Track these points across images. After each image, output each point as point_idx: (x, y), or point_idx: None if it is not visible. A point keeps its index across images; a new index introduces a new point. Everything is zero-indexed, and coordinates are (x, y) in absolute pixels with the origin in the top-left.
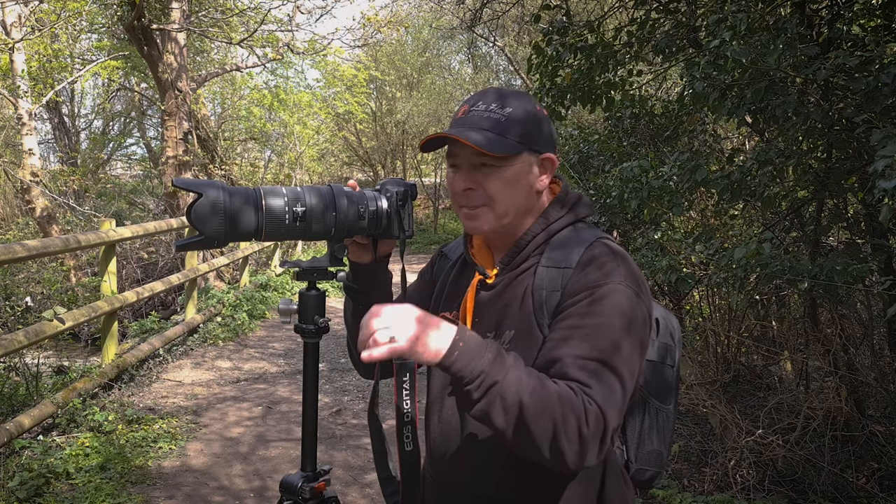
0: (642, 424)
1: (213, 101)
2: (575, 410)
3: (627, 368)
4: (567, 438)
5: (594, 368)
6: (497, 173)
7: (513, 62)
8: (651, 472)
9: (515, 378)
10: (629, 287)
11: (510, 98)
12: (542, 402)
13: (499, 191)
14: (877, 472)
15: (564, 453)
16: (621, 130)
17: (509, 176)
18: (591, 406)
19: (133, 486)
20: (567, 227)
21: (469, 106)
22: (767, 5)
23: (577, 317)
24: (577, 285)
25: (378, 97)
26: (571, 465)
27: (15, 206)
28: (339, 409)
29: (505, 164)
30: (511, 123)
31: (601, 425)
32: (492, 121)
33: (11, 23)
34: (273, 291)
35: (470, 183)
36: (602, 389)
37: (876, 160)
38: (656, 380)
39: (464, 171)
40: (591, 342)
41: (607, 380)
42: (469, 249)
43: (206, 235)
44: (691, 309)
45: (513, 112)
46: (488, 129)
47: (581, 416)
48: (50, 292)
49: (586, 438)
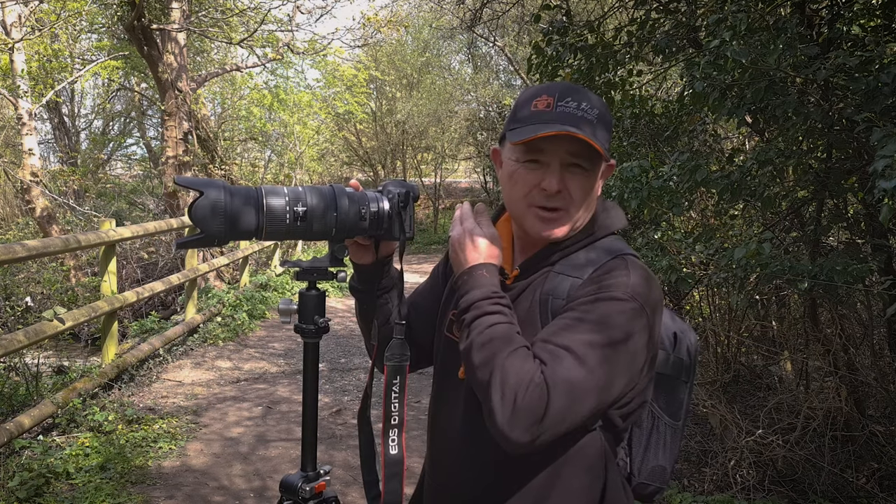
0: (649, 439)
1: (213, 101)
2: (518, 373)
3: (601, 368)
4: (502, 397)
5: (559, 353)
6: (585, 176)
7: (513, 62)
8: (653, 486)
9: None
10: (633, 300)
11: (589, 97)
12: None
13: (583, 195)
14: (877, 472)
15: (495, 412)
16: (621, 130)
17: (593, 180)
18: (537, 379)
19: (133, 486)
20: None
21: (552, 99)
22: (767, 5)
23: (570, 311)
24: (580, 291)
25: (378, 97)
26: (501, 428)
27: (15, 206)
28: (339, 409)
29: (594, 169)
30: (601, 125)
31: (542, 402)
32: (588, 121)
33: (11, 23)
34: (273, 291)
35: (561, 185)
36: (558, 371)
37: (876, 160)
38: (668, 395)
39: (555, 169)
40: (569, 332)
41: (568, 366)
42: None
43: (207, 234)
44: (691, 309)
45: (599, 113)
46: (589, 129)
47: (521, 383)
48: (50, 292)
49: (519, 407)
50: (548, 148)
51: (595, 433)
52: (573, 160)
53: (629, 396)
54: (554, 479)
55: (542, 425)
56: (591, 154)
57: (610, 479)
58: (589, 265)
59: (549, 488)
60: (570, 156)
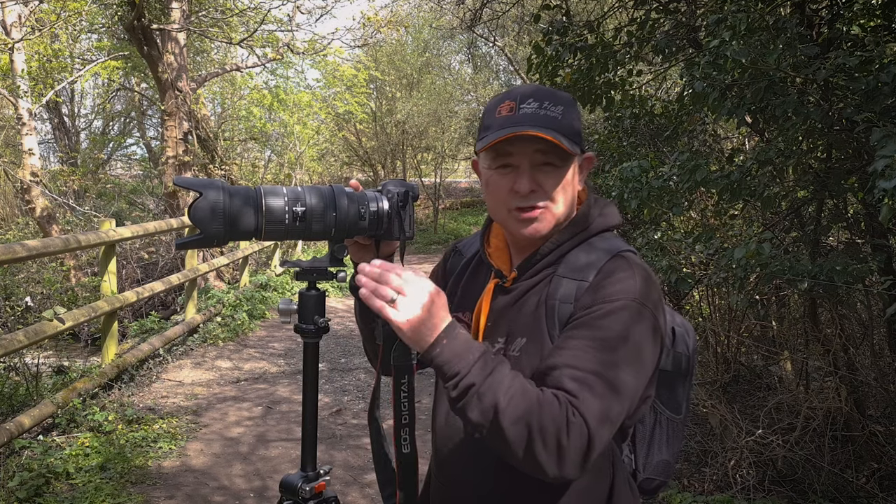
0: (652, 435)
1: (213, 101)
2: (555, 420)
3: (627, 386)
4: (544, 447)
5: (588, 381)
6: (558, 173)
7: (513, 62)
8: (658, 481)
9: (496, 382)
10: (642, 304)
11: (557, 96)
12: (519, 408)
13: (559, 192)
14: (877, 472)
15: (541, 461)
16: (621, 130)
17: (568, 177)
18: (574, 418)
19: (133, 486)
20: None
21: (515, 103)
22: (767, 5)
23: (583, 328)
24: (589, 299)
25: (378, 97)
26: (550, 474)
27: (15, 206)
28: (339, 409)
29: (565, 165)
30: (568, 121)
31: (584, 438)
32: (550, 119)
33: (11, 23)
34: (273, 291)
35: (535, 184)
36: (591, 402)
37: (876, 160)
38: (669, 390)
39: (525, 170)
40: (590, 354)
41: (599, 394)
42: (486, 249)
43: (206, 235)
44: (691, 309)
45: (566, 110)
46: (552, 127)
47: (562, 427)
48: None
49: (565, 449)
50: (516, 151)
51: None
52: (543, 159)
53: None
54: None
55: (590, 457)
56: (558, 150)
57: (617, 478)
58: (591, 267)
59: (557, 489)
60: (540, 154)
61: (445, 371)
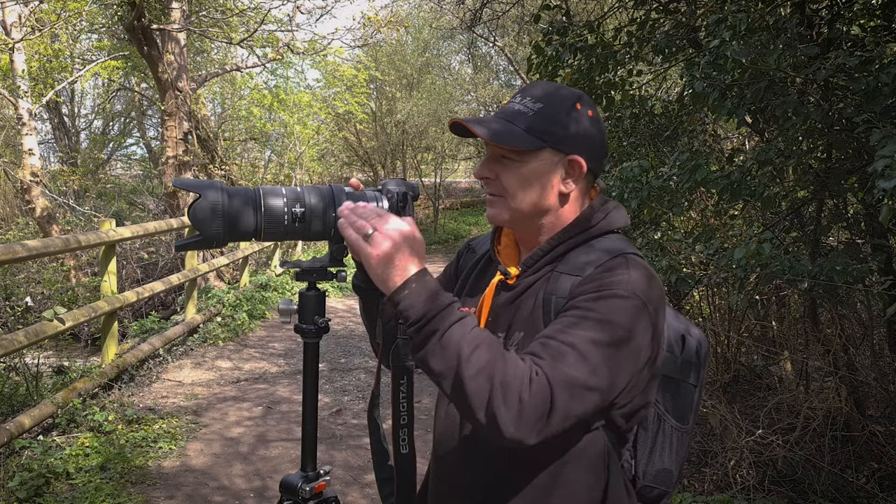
0: (654, 441)
1: (213, 101)
2: (518, 375)
3: (604, 367)
4: (504, 401)
5: (560, 349)
6: (514, 167)
7: (513, 62)
8: (658, 490)
9: (461, 330)
10: (635, 297)
11: (550, 94)
12: (482, 359)
13: (512, 185)
14: (877, 472)
15: (499, 417)
16: (621, 130)
17: (526, 172)
18: (537, 377)
19: (133, 486)
20: (598, 237)
21: (512, 97)
22: (767, 5)
23: (570, 310)
24: (581, 288)
25: (378, 97)
26: (506, 434)
27: (15, 206)
28: (339, 409)
29: (523, 160)
30: (538, 119)
31: (546, 399)
32: (518, 114)
33: (11, 23)
34: (273, 291)
35: (488, 172)
36: (557, 367)
37: (876, 160)
38: (675, 398)
39: (487, 159)
40: (569, 329)
41: (570, 363)
42: (495, 246)
43: (206, 236)
44: (691, 309)
45: (543, 108)
46: (511, 121)
47: (524, 382)
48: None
49: (525, 405)
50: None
51: (597, 433)
52: (500, 151)
53: (630, 395)
54: (555, 478)
55: (548, 424)
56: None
57: (612, 480)
58: (590, 265)
59: (550, 487)
60: (495, 146)
61: (410, 315)
